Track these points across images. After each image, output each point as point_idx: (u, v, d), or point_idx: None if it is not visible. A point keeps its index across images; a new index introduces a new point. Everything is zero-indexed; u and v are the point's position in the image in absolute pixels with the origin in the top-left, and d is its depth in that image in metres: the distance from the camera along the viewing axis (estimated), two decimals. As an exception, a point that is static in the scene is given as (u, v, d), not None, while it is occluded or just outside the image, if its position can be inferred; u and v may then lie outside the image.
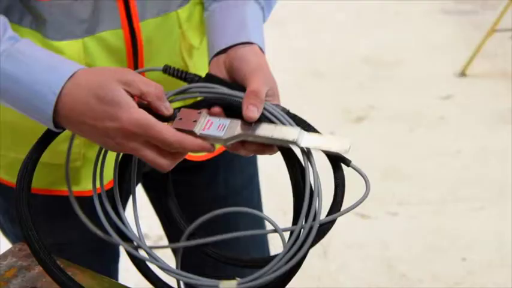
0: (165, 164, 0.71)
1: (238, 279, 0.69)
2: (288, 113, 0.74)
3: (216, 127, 0.71)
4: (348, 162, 0.73)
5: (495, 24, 3.04)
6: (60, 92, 0.70)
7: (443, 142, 2.65)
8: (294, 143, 0.70)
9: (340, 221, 0.73)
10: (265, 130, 0.71)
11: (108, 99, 0.69)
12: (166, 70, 0.79)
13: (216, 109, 0.74)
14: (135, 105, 0.70)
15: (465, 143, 2.62)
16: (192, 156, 0.98)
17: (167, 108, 0.72)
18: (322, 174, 0.72)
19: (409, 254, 2.07)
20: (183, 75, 0.79)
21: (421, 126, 2.77)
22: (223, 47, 0.82)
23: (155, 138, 0.69)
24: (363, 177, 0.72)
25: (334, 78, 3.19)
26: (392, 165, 2.45)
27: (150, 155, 0.70)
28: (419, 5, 3.84)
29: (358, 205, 0.70)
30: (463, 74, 3.16)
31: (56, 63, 0.73)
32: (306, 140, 0.70)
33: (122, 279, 1.13)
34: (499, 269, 1.97)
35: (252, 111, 0.71)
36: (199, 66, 0.94)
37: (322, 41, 3.54)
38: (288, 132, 0.70)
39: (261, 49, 0.83)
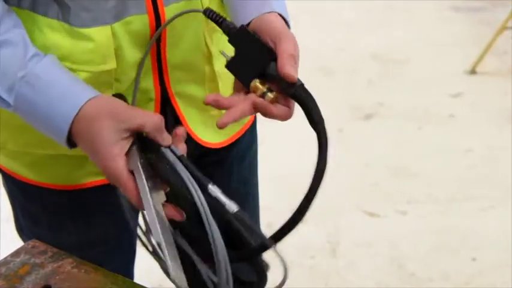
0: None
1: None
2: (302, 85, 0.80)
3: None
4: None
5: (506, 22, 3.02)
6: (72, 122, 0.76)
7: (452, 140, 2.63)
8: None
9: (349, 220, 0.73)
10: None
11: (96, 148, 0.75)
12: (206, 12, 0.82)
13: None
14: (118, 154, 0.74)
15: (475, 142, 2.61)
16: (206, 143, 0.98)
17: (164, 140, 0.76)
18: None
19: (418, 253, 2.05)
20: (219, 20, 0.81)
21: (430, 124, 2.76)
22: (248, 20, 0.84)
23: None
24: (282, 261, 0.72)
25: (343, 75, 3.18)
26: (401, 163, 2.43)
27: None
28: (429, 2, 3.82)
29: None
30: (473, 71, 3.14)
31: (67, 93, 0.78)
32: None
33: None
34: (509, 269, 1.95)
35: (291, 70, 0.79)
36: (222, 49, 0.93)
37: (331, 38, 3.53)
38: None
39: (285, 21, 0.86)
